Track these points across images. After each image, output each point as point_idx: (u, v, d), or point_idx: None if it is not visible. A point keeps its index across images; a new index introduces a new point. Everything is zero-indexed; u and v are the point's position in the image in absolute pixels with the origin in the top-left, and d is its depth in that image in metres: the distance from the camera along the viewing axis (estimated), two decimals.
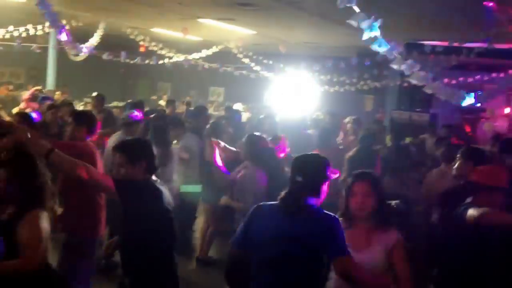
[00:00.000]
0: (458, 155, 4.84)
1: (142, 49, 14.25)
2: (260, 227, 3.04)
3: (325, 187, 3.08)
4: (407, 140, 9.70)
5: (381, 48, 4.50)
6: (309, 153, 3.36)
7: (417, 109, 14.15)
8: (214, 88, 21.00)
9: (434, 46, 10.54)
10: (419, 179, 5.89)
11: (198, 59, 14.07)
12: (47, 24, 11.10)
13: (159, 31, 13.84)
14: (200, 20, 11.06)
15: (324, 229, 2.92)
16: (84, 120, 5.02)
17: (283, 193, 3.07)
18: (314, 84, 13.03)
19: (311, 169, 3.07)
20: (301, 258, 2.91)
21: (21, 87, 14.81)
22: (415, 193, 5.34)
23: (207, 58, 14.09)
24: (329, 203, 3.26)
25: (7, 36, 11.92)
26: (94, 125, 5.06)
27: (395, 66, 4.90)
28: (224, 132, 6.98)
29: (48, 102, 8.83)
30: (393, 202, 3.36)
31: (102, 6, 10.69)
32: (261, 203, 3.20)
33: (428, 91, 5.24)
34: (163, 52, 13.57)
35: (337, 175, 3.21)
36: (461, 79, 11.95)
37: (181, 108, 13.21)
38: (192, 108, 11.39)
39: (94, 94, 9.87)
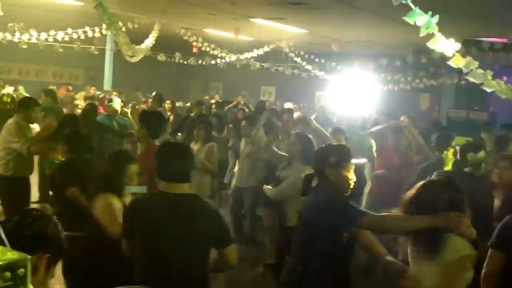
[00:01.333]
0: None
1: (195, 50, 14.47)
2: None
3: (329, 171, 3.19)
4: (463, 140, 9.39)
5: (437, 45, 4.39)
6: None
7: (475, 108, 13.75)
8: (265, 88, 21.06)
9: (492, 43, 10.21)
10: None
11: (249, 58, 14.15)
12: (104, 26, 11.46)
13: (212, 31, 14.01)
14: (252, 19, 11.11)
15: (318, 208, 3.17)
16: (145, 120, 4.94)
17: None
18: (369, 82, 12.87)
19: (315, 155, 3.43)
20: (300, 228, 3.31)
21: (79, 88, 15.33)
22: None
23: (259, 58, 14.15)
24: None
25: (66, 38, 12.38)
26: (155, 125, 4.87)
27: (452, 64, 4.77)
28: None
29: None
30: None
31: (158, 8, 10.90)
32: None
33: (487, 89, 5.06)
34: (215, 52, 13.74)
35: (360, 161, 3.50)
36: None
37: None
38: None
39: (154, 93, 10.09)
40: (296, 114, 9.17)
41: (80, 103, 10.65)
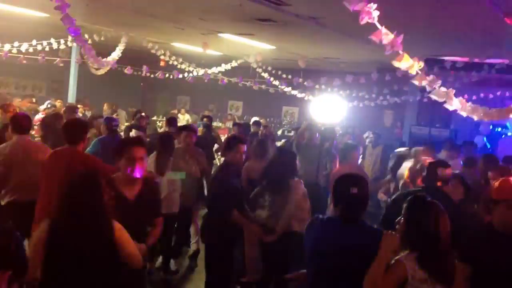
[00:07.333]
0: None
1: (162, 63, 14.41)
2: (316, 240, 3.25)
3: None
4: None
5: (403, 64, 4.49)
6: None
7: (437, 125, 14.07)
8: (232, 102, 21.13)
9: (454, 62, 10.49)
10: None
11: (217, 73, 14.17)
12: (69, 38, 11.32)
13: (180, 45, 13.98)
14: (220, 35, 11.15)
15: (375, 242, 3.03)
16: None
17: (340, 206, 3.23)
18: (334, 99, 13.05)
19: (363, 185, 3.25)
20: (360, 269, 3.01)
21: (43, 100, 15.05)
22: None
23: (226, 73, 14.19)
24: None
25: (31, 49, 12.18)
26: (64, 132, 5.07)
27: (416, 82, 4.88)
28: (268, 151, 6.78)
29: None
30: None
31: (125, 21, 10.84)
32: (315, 216, 3.44)
33: (449, 107, 5.20)
34: (183, 66, 13.70)
35: None
36: (482, 95, 11.87)
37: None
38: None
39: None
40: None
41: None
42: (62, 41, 12.02)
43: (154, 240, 3.97)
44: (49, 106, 11.87)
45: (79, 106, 12.75)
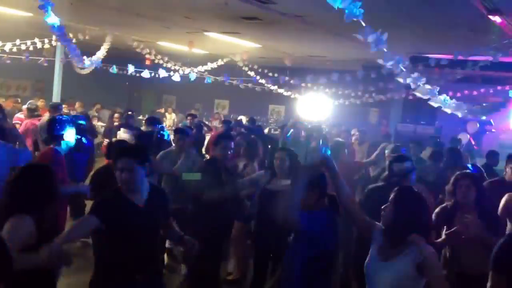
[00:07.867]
0: None
1: (147, 62, 14.33)
2: None
3: None
4: None
5: (388, 62, 4.53)
6: None
7: (422, 122, 14.18)
8: (219, 101, 21.09)
9: (439, 59, 10.56)
10: None
11: (203, 72, 14.14)
12: (53, 37, 11.23)
13: (165, 44, 13.92)
14: (206, 33, 11.12)
15: None
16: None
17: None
18: (321, 97, 13.10)
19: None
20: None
21: (27, 100, 14.89)
22: None
23: (213, 71, 14.16)
24: None
25: (14, 49, 12.06)
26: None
27: (401, 80, 4.93)
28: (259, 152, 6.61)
29: None
30: None
31: (110, 20, 10.77)
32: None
33: (434, 104, 5.25)
34: (168, 65, 13.65)
35: None
36: (466, 92, 11.98)
37: None
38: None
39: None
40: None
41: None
42: (46, 40, 11.92)
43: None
44: (29, 106, 11.71)
45: (64, 105, 12.65)
